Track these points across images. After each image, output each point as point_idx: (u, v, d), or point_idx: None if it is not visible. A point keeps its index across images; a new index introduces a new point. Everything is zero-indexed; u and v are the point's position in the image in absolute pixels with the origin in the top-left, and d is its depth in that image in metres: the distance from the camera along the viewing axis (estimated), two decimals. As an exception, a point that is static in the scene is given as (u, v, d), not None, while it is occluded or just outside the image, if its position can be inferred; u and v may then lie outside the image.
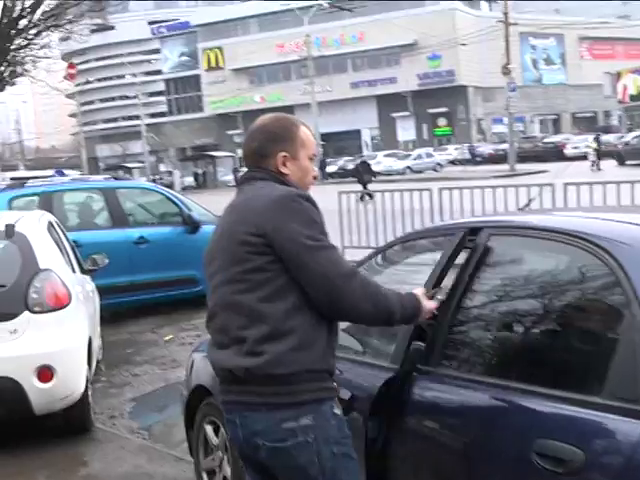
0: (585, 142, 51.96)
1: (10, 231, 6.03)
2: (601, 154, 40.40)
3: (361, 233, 14.55)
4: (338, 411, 2.81)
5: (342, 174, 50.05)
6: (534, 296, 2.94)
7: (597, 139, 42.12)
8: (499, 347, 3.08)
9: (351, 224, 14.77)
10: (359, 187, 24.83)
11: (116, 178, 12.49)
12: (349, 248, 14.65)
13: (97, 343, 7.64)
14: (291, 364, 2.70)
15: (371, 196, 29.22)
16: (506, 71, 40.79)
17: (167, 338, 9.72)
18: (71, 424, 6.17)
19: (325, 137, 63.37)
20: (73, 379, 5.89)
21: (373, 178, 31.40)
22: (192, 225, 11.18)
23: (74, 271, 7.16)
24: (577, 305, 2.81)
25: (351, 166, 56.07)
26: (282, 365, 2.69)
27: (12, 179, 23.48)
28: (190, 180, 61.39)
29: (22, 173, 40.57)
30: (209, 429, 4.58)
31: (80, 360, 6.03)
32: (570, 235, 2.82)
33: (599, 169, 37.95)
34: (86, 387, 6.06)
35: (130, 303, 10.81)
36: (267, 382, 2.71)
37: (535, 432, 2.55)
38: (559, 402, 2.54)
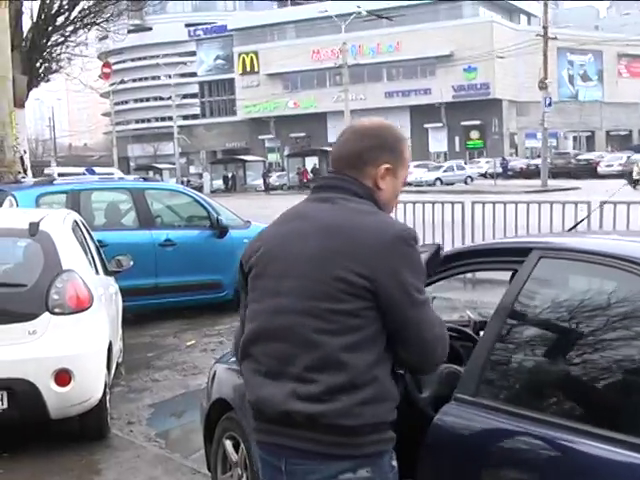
0: (619, 160, 51.75)
1: (34, 229, 5.87)
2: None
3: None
4: (395, 463, 2.53)
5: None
6: (589, 325, 2.72)
7: None
8: (551, 379, 2.85)
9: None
10: (408, 197, 24.50)
11: (145, 179, 12.34)
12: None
13: (118, 346, 7.48)
14: (360, 416, 2.39)
15: None
16: (543, 85, 40.40)
17: (189, 343, 9.56)
18: (87, 430, 6.01)
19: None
20: (91, 384, 5.73)
21: None
22: (220, 229, 11.03)
23: (97, 272, 7.01)
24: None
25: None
26: (352, 416, 2.38)
27: (59, 174, 23.40)
28: (219, 183, 61.37)
29: (67, 169, 40.55)
30: (229, 444, 4.39)
31: (99, 365, 5.86)
32: (626, 260, 2.61)
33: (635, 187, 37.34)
34: (104, 392, 5.90)
35: (153, 306, 10.65)
36: (330, 431, 2.38)
37: None
38: (618, 446, 2.31)
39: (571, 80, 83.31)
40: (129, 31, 37.22)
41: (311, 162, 62.10)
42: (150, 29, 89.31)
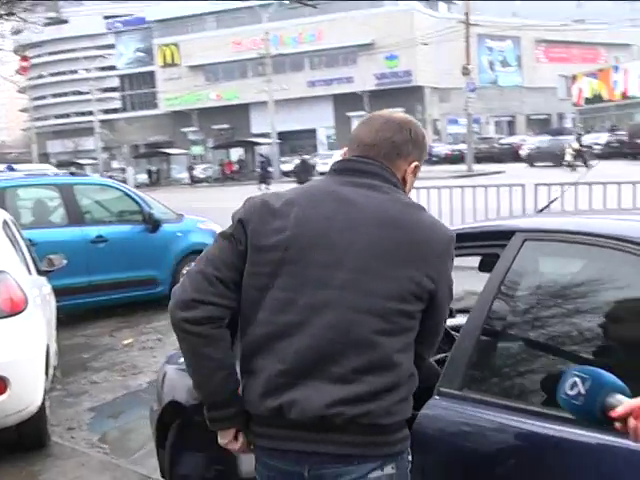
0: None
1: (-40, 229, 5.51)
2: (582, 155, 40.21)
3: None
4: (410, 457, 2.41)
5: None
6: (580, 310, 2.55)
7: (579, 139, 42.04)
8: (542, 368, 2.68)
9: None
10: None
11: (73, 174, 11.91)
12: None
13: (53, 349, 7.13)
14: (396, 414, 2.29)
15: None
16: (466, 71, 40.67)
17: (126, 342, 9.24)
18: (26, 439, 5.66)
19: (281, 136, 62.81)
20: (29, 391, 5.39)
21: (310, 177, 31.49)
22: (153, 224, 10.74)
23: (30, 272, 6.65)
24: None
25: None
26: (390, 415, 2.26)
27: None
28: (144, 177, 60.44)
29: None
30: (184, 450, 4.15)
31: (37, 371, 5.51)
32: (615, 239, 2.45)
33: (575, 170, 38.01)
34: (43, 399, 5.57)
35: (87, 305, 10.32)
36: (368, 432, 2.24)
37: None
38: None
39: (491, 66, 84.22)
40: (46, 24, 36.14)
41: (236, 153, 61.73)
42: (66, 22, 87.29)
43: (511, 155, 52.79)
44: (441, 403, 2.74)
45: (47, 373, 5.89)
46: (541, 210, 3.58)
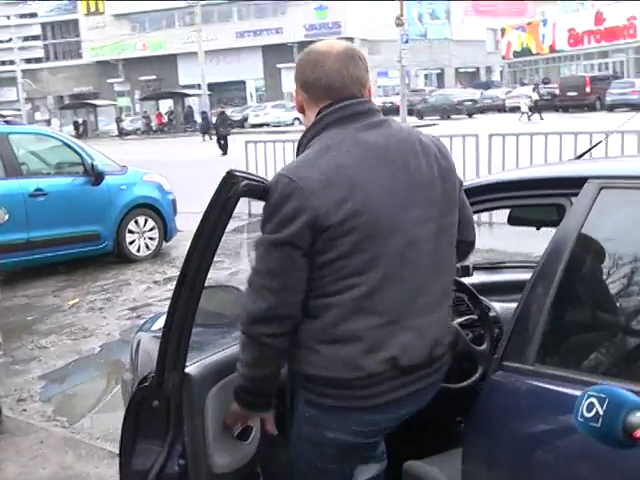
0: (473, 96, 53.20)
1: None
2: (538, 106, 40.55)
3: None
4: None
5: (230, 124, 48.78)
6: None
7: (536, 90, 42.19)
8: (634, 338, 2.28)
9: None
10: (267, 137, 23.38)
11: (8, 122, 11.08)
12: (255, 201, 13.86)
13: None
14: None
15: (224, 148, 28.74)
16: (400, 22, 40.25)
17: (72, 302, 8.65)
18: (-26, 414, 5.14)
19: (210, 87, 61.58)
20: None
21: (228, 130, 30.84)
22: (95, 176, 10.07)
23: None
24: None
25: (239, 117, 55.31)
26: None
27: None
28: (70, 129, 58.69)
29: None
30: (166, 427, 3.69)
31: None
32: None
33: (529, 120, 38.20)
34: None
35: (26, 263, 9.64)
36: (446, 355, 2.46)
37: None
38: None
39: (420, 19, 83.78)
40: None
41: (165, 105, 60.48)
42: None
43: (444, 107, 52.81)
44: (509, 380, 2.33)
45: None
46: (580, 156, 3.16)
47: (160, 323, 4.21)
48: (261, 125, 51.06)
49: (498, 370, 2.37)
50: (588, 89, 44.00)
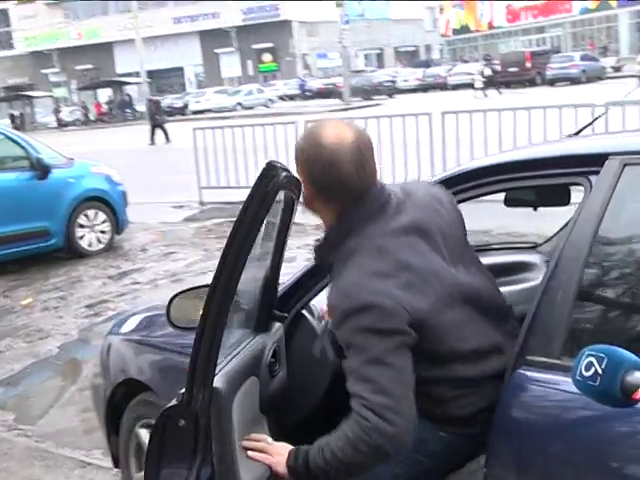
0: (414, 75, 53.47)
1: None
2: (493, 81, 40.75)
3: (219, 172, 13.53)
4: None
5: (169, 112, 48.06)
6: None
7: (489, 65, 42.29)
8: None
9: (208, 163, 13.71)
10: (214, 123, 22.84)
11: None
12: (206, 188, 13.62)
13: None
14: None
15: (167, 137, 28.25)
16: (339, 3, 39.96)
17: (25, 302, 8.31)
18: None
19: (148, 75, 60.66)
20: None
21: (164, 117, 30.41)
22: (42, 169, 9.71)
23: None
24: None
25: (180, 104, 54.64)
26: None
27: None
28: (7, 123, 57.42)
29: None
30: (145, 434, 3.49)
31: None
32: None
33: (485, 95, 38.29)
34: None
35: (-28, 263, 9.28)
36: None
37: None
38: None
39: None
40: None
41: (104, 94, 59.47)
42: None
43: (386, 88, 52.83)
44: (534, 376, 2.14)
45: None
46: (578, 132, 2.98)
47: (130, 325, 3.98)
48: (202, 112, 50.46)
49: (522, 365, 2.18)
50: (529, 64, 44.38)
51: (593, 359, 1.71)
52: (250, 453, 2.32)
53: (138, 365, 3.56)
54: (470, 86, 41.44)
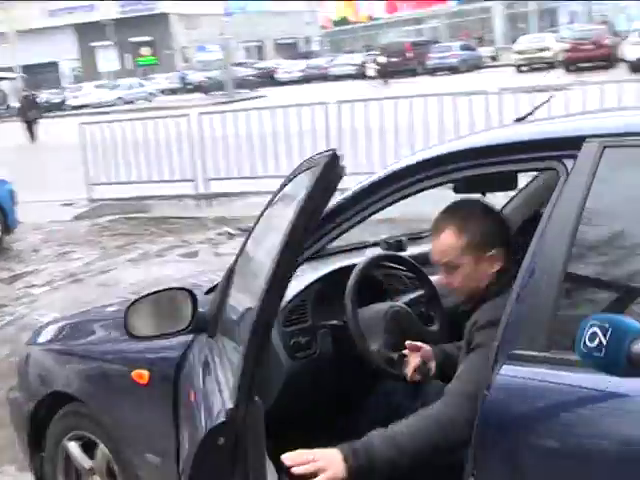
0: (296, 66, 53.74)
1: None
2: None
3: (109, 168, 13.22)
4: None
5: (47, 108, 46.61)
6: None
7: (384, 54, 42.52)
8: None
9: (97, 158, 13.38)
10: (97, 118, 22.11)
11: None
12: (96, 185, 13.25)
13: None
14: None
15: (32, 134, 27.36)
16: (221, -6, 39.66)
17: None
18: None
19: (23, 70, 58.89)
20: None
21: (39, 113, 29.70)
22: None
23: None
24: None
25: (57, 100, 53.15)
26: None
27: None
28: None
29: None
30: (75, 447, 3.30)
31: None
32: None
33: (386, 83, 38.66)
34: None
35: None
36: None
37: None
38: None
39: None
40: None
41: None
42: None
43: (267, 80, 52.80)
44: (521, 371, 2.03)
45: None
46: (523, 117, 2.89)
47: (47, 334, 3.70)
48: (82, 107, 49.11)
49: (505, 360, 2.06)
50: (409, 54, 44.96)
51: (597, 329, 1.66)
52: (299, 469, 2.10)
53: (64, 376, 3.31)
54: (351, 77, 41.81)
